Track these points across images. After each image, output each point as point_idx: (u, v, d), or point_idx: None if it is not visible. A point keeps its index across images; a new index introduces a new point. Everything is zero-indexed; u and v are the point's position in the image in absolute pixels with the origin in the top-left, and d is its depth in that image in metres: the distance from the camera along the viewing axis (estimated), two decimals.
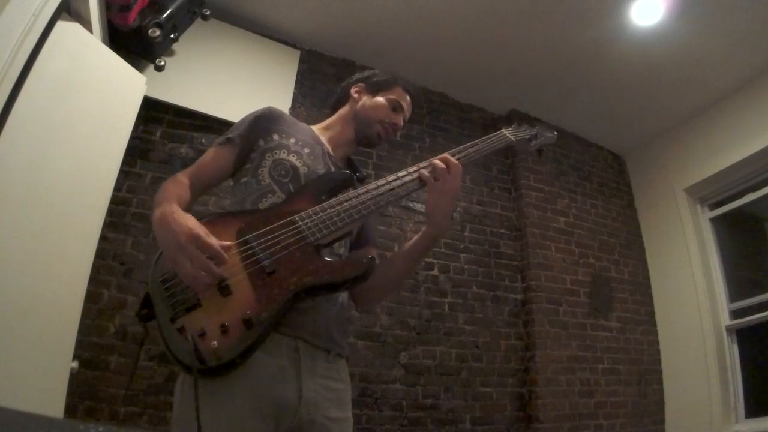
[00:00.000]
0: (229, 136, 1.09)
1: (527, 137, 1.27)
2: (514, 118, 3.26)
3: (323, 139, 1.17)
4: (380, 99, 1.22)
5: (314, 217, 0.94)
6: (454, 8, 2.54)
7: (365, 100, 1.22)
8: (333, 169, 1.12)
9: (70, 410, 1.71)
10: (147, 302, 0.83)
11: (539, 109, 3.30)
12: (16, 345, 1.34)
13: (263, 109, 1.13)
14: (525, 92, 3.15)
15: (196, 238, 0.81)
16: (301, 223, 0.93)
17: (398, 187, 1.02)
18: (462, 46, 2.79)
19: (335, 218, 0.95)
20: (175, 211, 0.86)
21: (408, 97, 1.24)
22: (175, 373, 1.94)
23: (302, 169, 1.05)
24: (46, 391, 1.47)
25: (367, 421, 2.23)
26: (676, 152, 3.30)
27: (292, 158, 1.06)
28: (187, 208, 0.94)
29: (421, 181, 1.02)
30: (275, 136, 1.08)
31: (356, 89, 1.25)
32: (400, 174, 1.04)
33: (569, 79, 2.99)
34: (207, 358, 0.76)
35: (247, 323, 0.80)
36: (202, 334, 0.77)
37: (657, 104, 3.13)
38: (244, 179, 1.07)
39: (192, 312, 0.80)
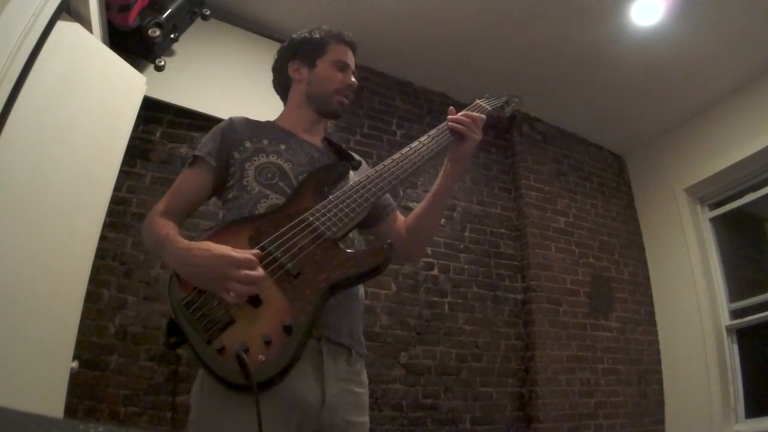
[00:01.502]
0: (198, 154, 1.04)
1: (500, 105, 1.28)
2: (514, 117, 3.26)
3: (290, 128, 1.14)
4: (323, 69, 1.14)
5: (325, 212, 0.93)
6: (454, 8, 2.53)
7: (308, 76, 1.15)
8: (315, 155, 1.10)
9: (70, 410, 1.71)
10: (174, 329, 0.80)
11: (539, 109, 3.30)
12: (16, 345, 1.34)
13: (226, 122, 1.11)
14: (525, 92, 3.10)
15: (233, 261, 0.80)
16: (313, 219, 0.92)
17: (414, 157, 1.04)
18: (462, 46, 2.79)
19: (347, 210, 0.94)
20: (190, 247, 0.85)
21: (348, 49, 1.17)
22: (177, 373, 1.95)
23: (287, 166, 1.04)
24: (46, 391, 1.46)
25: None
26: (676, 152, 3.30)
27: (273, 158, 1.04)
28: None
29: (454, 131, 1.08)
30: (247, 144, 1.06)
31: (293, 68, 1.17)
32: (406, 152, 1.06)
33: (569, 79, 2.99)
34: (256, 374, 0.73)
35: (288, 330, 0.78)
36: (246, 350, 0.74)
37: (657, 104, 3.13)
38: (232, 194, 1.04)
39: (227, 330, 0.77)
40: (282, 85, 1.23)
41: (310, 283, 0.84)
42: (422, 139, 1.09)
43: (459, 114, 1.11)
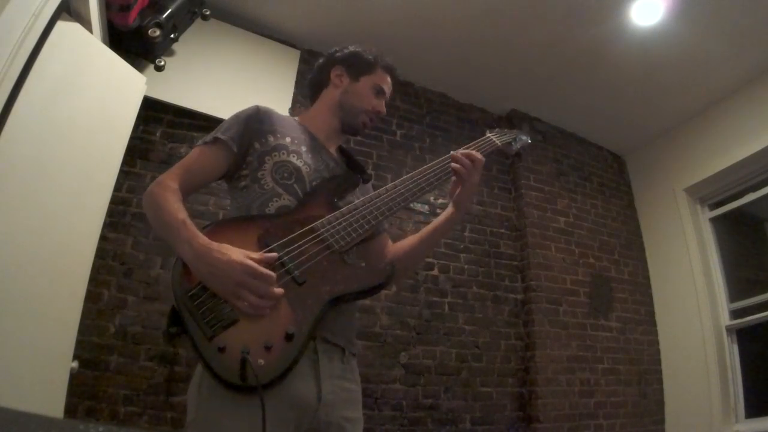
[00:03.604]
0: (219, 136, 1.03)
1: (509, 141, 1.29)
2: (514, 118, 3.26)
3: (315, 132, 1.15)
4: (363, 85, 1.18)
5: (335, 224, 0.95)
6: (454, 8, 2.53)
7: (348, 86, 1.18)
8: (331, 164, 1.11)
9: (70, 410, 1.71)
10: (176, 320, 0.79)
11: (539, 109, 3.30)
12: (16, 345, 1.34)
13: (252, 109, 1.09)
14: (525, 92, 3.15)
15: (252, 271, 0.80)
16: (323, 230, 0.93)
17: (422, 181, 1.07)
18: (462, 46, 2.79)
19: (355, 225, 0.96)
20: (210, 246, 0.84)
21: (389, 78, 1.22)
22: (177, 373, 1.95)
23: (304, 169, 1.05)
24: (46, 391, 1.47)
25: (367, 421, 2.21)
26: (676, 152, 3.30)
27: (293, 158, 1.04)
28: None
29: (455, 173, 1.09)
30: (270, 138, 1.06)
31: (337, 73, 1.20)
32: (415, 175, 1.08)
33: (569, 79, 2.99)
34: (255, 377, 0.74)
35: (289, 337, 0.79)
36: (247, 353, 0.75)
37: (657, 104, 3.13)
38: (244, 184, 1.04)
39: (230, 329, 0.78)
40: (316, 84, 1.24)
41: (314, 294, 0.86)
42: (425, 167, 1.10)
43: (463, 150, 1.11)
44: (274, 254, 0.86)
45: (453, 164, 1.09)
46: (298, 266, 0.87)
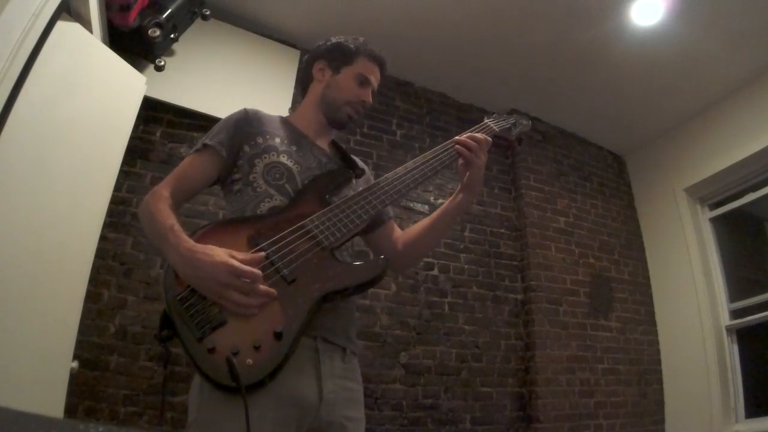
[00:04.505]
0: (208, 142, 1.03)
1: (508, 126, 1.27)
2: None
3: (303, 129, 1.15)
4: (345, 77, 1.15)
5: (325, 220, 0.94)
6: (454, 8, 2.53)
7: (330, 80, 1.16)
8: (323, 161, 1.11)
9: (70, 410, 1.71)
10: (167, 323, 0.80)
11: (539, 109, 3.30)
12: (16, 345, 1.34)
13: (240, 113, 1.09)
14: (525, 92, 3.15)
15: (235, 270, 0.80)
16: (312, 227, 0.92)
17: (425, 168, 1.06)
18: (462, 46, 2.79)
19: (346, 220, 0.95)
20: (195, 249, 0.84)
21: (376, 67, 1.18)
22: (176, 372, 1.95)
23: (295, 168, 1.04)
24: (46, 391, 1.46)
25: (367, 421, 2.21)
26: (676, 152, 3.30)
27: (283, 159, 1.04)
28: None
29: (460, 155, 1.08)
30: (259, 140, 1.06)
31: (319, 67, 1.18)
32: (417, 162, 1.08)
33: (569, 79, 2.99)
34: (244, 377, 0.74)
35: (278, 336, 0.79)
36: (236, 353, 0.75)
37: (657, 104, 3.13)
38: (237, 188, 1.04)
39: (219, 330, 0.78)
40: (303, 81, 1.24)
41: (304, 292, 0.85)
42: (427, 154, 1.09)
43: (465, 135, 1.10)
44: (261, 254, 0.85)
45: (457, 147, 1.08)
46: (287, 264, 0.86)
